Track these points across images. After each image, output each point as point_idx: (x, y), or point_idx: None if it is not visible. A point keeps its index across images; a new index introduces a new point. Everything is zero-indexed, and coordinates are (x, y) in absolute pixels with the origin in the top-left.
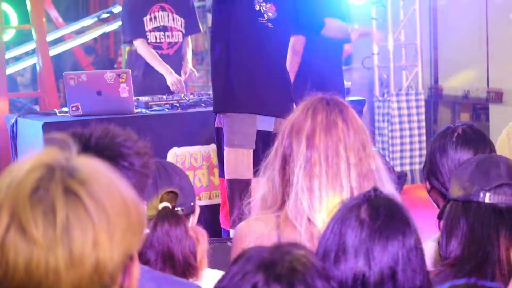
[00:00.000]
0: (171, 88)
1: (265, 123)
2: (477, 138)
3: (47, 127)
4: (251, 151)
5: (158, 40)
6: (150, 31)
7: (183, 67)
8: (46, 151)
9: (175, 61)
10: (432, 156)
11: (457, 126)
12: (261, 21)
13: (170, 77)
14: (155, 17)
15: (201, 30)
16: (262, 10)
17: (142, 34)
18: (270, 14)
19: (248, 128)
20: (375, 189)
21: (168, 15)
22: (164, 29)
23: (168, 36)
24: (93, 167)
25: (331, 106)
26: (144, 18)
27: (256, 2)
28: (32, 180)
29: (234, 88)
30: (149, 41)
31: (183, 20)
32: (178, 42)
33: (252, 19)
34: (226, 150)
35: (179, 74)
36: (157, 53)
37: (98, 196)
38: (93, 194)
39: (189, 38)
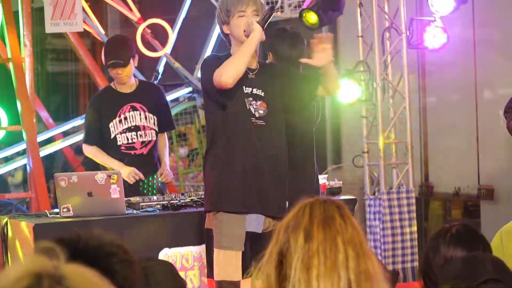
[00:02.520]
0: (128, 181)
1: (254, 224)
2: (469, 237)
3: (38, 229)
4: (240, 253)
5: (130, 141)
6: (121, 133)
7: (160, 167)
8: (34, 259)
9: (150, 160)
10: (426, 255)
11: (452, 226)
12: (253, 120)
13: (124, 171)
14: (125, 118)
15: (175, 127)
16: (252, 109)
17: (91, 141)
18: (261, 112)
19: (237, 230)
20: None
21: (140, 114)
22: (136, 129)
23: (140, 135)
24: (81, 275)
25: (328, 203)
26: (112, 122)
27: (247, 102)
28: None
29: (224, 187)
30: (119, 143)
31: (155, 118)
32: (151, 140)
33: (245, 119)
34: (215, 251)
35: (155, 173)
36: (130, 153)
37: None
38: None
39: (164, 135)
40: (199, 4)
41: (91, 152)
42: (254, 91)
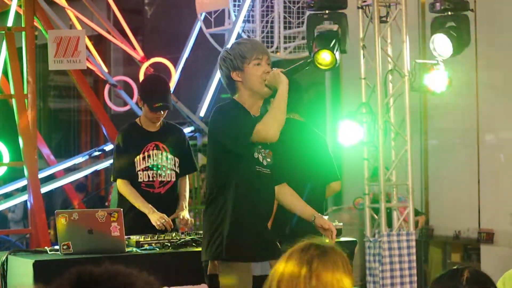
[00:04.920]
0: (156, 227)
1: (259, 268)
2: (485, 282)
3: (38, 265)
4: None
5: (150, 179)
6: (143, 170)
7: (178, 212)
8: None
9: (167, 200)
10: None
11: (464, 269)
12: (258, 169)
13: (153, 216)
14: (148, 156)
15: (197, 170)
16: (260, 157)
17: (124, 175)
18: (269, 160)
19: (245, 275)
20: None
21: (161, 154)
22: (156, 168)
23: (160, 175)
24: None
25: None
26: (137, 158)
27: (256, 150)
28: None
29: (229, 236)
30: (140, 179)
31: (177, 159)
32: (170, 181)
33: (253, 167)
34: None
35: (171, 213)
36: (149, 191)
37: None
38: None
39: (186, 178)
40: (203, 43)
41: (125, 188)
42: None
